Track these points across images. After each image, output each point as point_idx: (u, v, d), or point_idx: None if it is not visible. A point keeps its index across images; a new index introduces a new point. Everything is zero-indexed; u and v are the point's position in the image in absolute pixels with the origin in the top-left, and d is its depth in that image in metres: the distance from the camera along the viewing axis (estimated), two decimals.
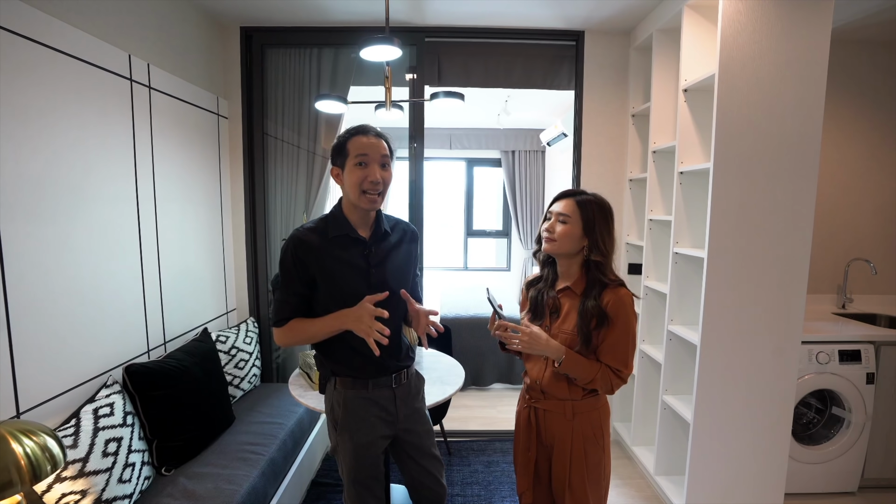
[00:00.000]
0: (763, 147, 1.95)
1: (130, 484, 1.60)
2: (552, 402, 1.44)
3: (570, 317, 1.40)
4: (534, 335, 1.36)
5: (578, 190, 1.43)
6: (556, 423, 1.44)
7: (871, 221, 2.94)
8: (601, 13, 2.53)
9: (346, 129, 1.44)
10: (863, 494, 2.45)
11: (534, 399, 1.49)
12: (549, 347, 1.35)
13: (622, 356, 1.36)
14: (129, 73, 1.90)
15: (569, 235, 1.37)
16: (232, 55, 2.75)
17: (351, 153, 1.38)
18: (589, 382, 1.36)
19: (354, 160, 1.37)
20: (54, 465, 1.11)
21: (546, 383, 1.43)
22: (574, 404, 1.41)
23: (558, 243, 1.39)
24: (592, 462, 1.42)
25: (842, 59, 2.74)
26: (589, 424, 1.42)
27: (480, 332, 3.74)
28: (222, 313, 2.70)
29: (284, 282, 1.42)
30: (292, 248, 1.39)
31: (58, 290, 1.57)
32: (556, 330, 1.41)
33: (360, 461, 1.46)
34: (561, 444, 1.43)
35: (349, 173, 1.38)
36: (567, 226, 1.38)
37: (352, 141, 1.39)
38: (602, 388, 1.37)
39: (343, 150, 1.39)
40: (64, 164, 1.59)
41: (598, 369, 1.35)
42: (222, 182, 2.71)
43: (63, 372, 1.59)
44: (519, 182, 5.75)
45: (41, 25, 1.50)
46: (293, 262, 1.39)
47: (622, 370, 1.37)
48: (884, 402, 2.40)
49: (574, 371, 1.35)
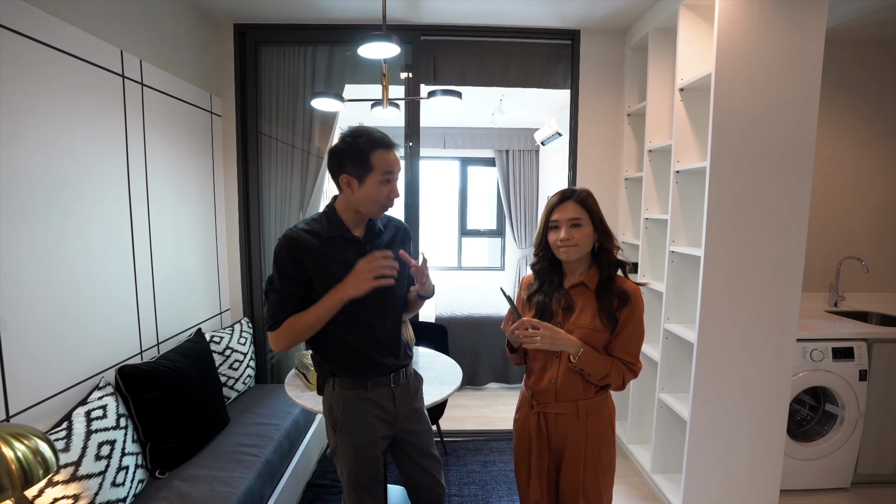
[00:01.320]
0: (759, 146, 1.96)
1: (124, 487, 1.58)
2: (564, 405, 1.42)
3: (585, 311, 1.39)
4: (555, 330, 1.35)
5: (570, 190, 1.42)
6: (569, 425, 1.42)
7: (863, 220, 2.98)
8: (597, 12, 2.53)
9: (358, 133, 1.35)
10: (856, 490, 2.47)
11: (542, 405, 1.45)
12: (569, 342, 1.35)
13: (634, 349, 1.39)
14: (121, 69, 1.87)
15: (586, 237, 1.38)
16: (226, 52, 2.72)
17: (377, 169, 1.33)
18: (604, 377, 1.36)
19: (381, 177, 1.34)
20: (46, 470, 1.08)
21: (561, 383, 1.41)
22: (587, 403, 1.40)
23: (580, 248, 1.38)
24: (606, 461, 1.42)
25: (836, 59, 2.77)
26: (602, 422, 1.42)
27: (476, 331, 3.73)
28: (216, 314, 2.67)
29: (281, 282, 1.36)
30: (288, 247, 1.35)
31: (48, 291, 1.54)
32: (572, 325, 1.40)
33: (360, 462, 1.44)
34: (574, 447, 1.41)
35: (372, 188, 1.35)
36: (582, 228, 1.38)
37: (377, 156, 1.33)
38: (615, 383, 1.38)
39: (366, 163, 1.33)
40: (54, 161, 1.56)
41: (612, 363, 1.37)
42: (216, 180, 2.67)
43: (54, 374, 1.56)
44: (513, 181, 5.75)
45: (30, 20, 1.46)
46: (290, 263, 1.35)
47: (634, 363, 1.39)
48: (876, 399, 2.43)
49: (591, 364, 1.34)
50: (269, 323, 1.39)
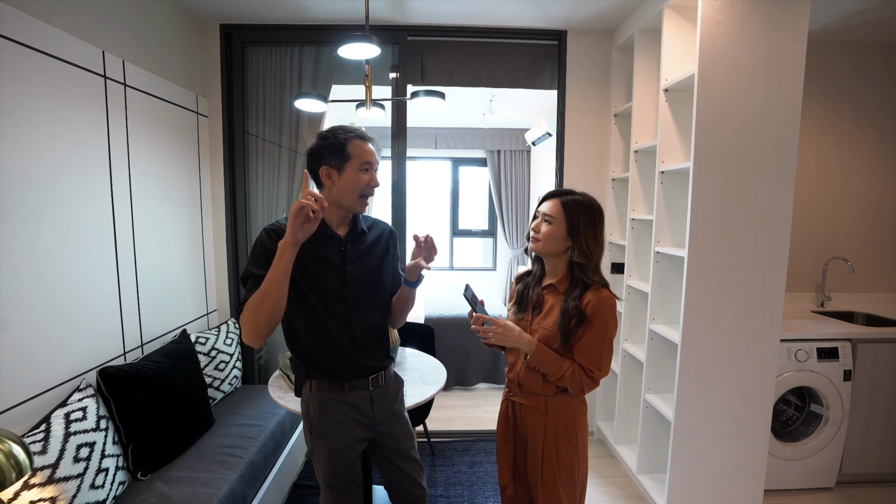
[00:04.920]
0: (742, 146, 1.97)
1: (104, 490, 1.57)
2: (527, 397, 1.46)
3: (551, 313, 1.41)
4: (507, 328, 1.38)
5: (567, 190, 1.44)
6: (531, 417, 1.45)
7: (848, 220, 2.99)
8: (583, 13, 2.54)
9: (335, 129, 1.39)
10: (840, 490, 2.49)
11: (512, 392, 1.51)
12: (521, 340, 1.38)
13: (595, 357, 1.36)
14: (102, 69, 1.86)
15: (552, 236, 1.39)
16: (212, 53, 2.71)
17: (354, 157, 1.35)
18: (559, 379, 1.36)
19: (359, 165, 1.36)
20: (20, 472, 1.07)
21: (522, 376, 1.45)
22: (547, 400, 1.42)
23: (542, 243, 1.41)
24: (564, 460, 1.42)
25: (820, 61, 2.79)
26: (562, 421, 1.42)
27: (465, 331, 3.73)
28: (202, 314, 2.66)
29: (255, 268, 1.32)
30: (268, 238, 1.33)
31: (28, 292, 1.53)
32: (537, 325, 1.43)
33: (336, 465, 1.44)
34: (534, 439, 1.44)
35: (350, 177, 1.36)
36: (551, 226, 1.39)
37: (354, 144, 1.35)
38: (572, 387, 1.37)
39: (343, 152, 1.35)
40: (33, 162, 1.55)
41: (569, 367, 1.36)
42: (202, 181, 2.66)
43: (33, 376, 1.55)
44: (504, 182, 5.76)
45: (8, 20, 1.45)
46: (266, 251, 1.30)
47: (594, 371, 1.37)
48: (860, 399, 2.44)
49: (543, 365, 1.36)
50: (238, 311, 1.32)
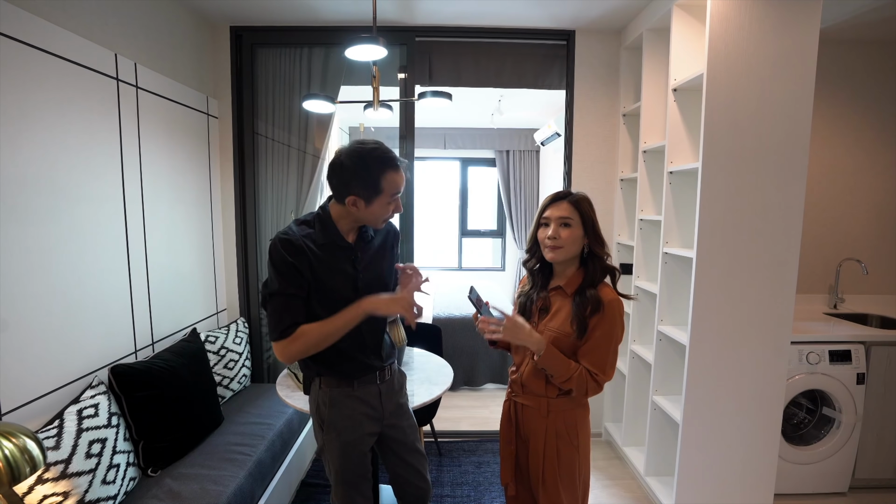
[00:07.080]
0: (751, 146, 1.95)
1: (115, 485, 1.59)
2: (529, 398, 1.46)
3: (559, 314, 1.40)
4: (517, 323, 1.34)
5: (566, 192, 1.44)
6: (532, 418, 1.45)
7: (862, 221, 2.94)
8: (591, 13, 2.53)
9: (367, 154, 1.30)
10: (853, 495, 2.45)
11: (514, 393, 1.51)
12: (531, 338, 1.34)
13: (601, 360, 1.35)
14: (115, 72, 1.89)
15: (573, 238, 1.38)
16: (222, 55, 2.74)
17: (386, 192, 1.33)
18: (565, 381, 1.35)
19: (389, 199, 1.35)
20: (34, 467, 1.10)
21: (526, 377, 1.45)
22: (549, 401, 1.42)
23: (565, 249, 1.38)
24: (565, 461, 1.42)
25: (833, 59, 2.74)
26: (563, 423, 1.42)
27: (474, 331, 3.73)
28: (212, 313, 2.70)
29: (282, 284, 1.30)
30: (283, 250, 1.30)
31: (42, 291, 1.56)
32: (543, 327, 1.42)
33: (348, 460, 1.45)
34: (535, 439, 1.44)
35: (379, 209, 1.35)
36: (571, 228, 1.38)
37: (387, 179, 1.31)
38: (577, 390, 1.36)
39: (376, 186, 1.31)
40: (48, 164, 1.58)
41: (576, 369, 1.35)
42: (212, 182, 2.70)
43: (47, 373, 1.58)
44: (513, 182, 5.75)
45: (23, 24, 1.49)
46: (289, 264, 1.30)
47: (599, 375, 1.35)
48: (874, 403, 2.40)
49: (552, 366, 1.35)
50: (277, 331, 1.29)
